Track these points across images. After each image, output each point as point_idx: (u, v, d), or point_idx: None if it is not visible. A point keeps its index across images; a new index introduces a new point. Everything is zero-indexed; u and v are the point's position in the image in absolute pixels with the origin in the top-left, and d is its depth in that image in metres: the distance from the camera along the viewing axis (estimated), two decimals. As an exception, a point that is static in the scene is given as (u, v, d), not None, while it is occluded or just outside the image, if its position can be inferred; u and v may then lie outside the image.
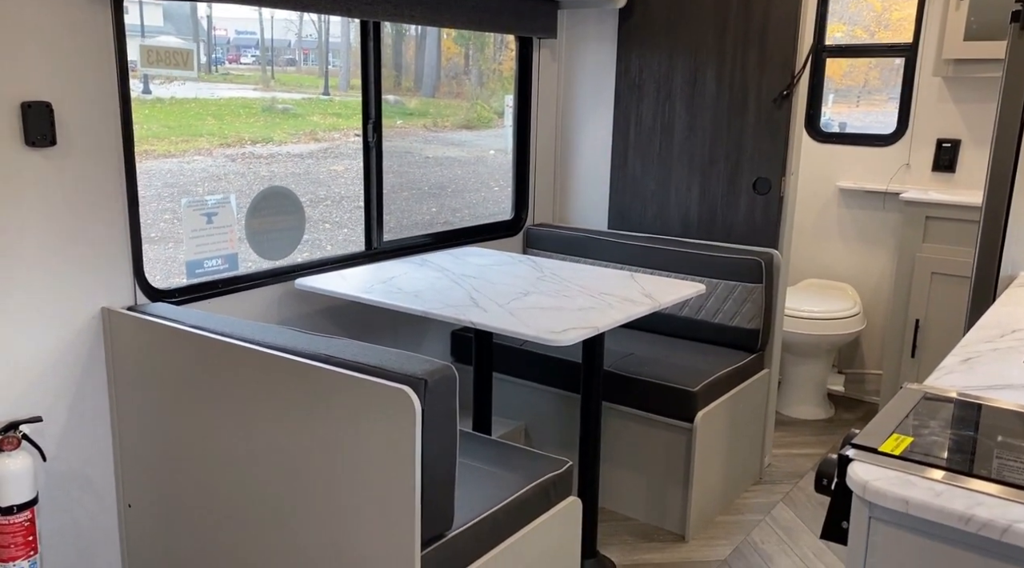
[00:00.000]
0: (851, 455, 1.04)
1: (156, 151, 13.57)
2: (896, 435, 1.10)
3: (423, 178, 13.46)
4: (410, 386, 1.65)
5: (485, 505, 1.94)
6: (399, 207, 11.88)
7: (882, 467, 1.01)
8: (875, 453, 1.04)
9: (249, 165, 13.09)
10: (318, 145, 14.13)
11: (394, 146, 15.38)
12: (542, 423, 3.11)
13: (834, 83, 4.16)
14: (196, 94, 11.32)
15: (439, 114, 14.06)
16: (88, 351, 2.15)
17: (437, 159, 14.37)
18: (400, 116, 14.24)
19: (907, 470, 1.00)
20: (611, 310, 2.34)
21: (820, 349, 3.73)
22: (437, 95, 13.65)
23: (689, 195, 3.31)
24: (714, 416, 2.84)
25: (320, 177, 12.90)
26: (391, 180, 14.72)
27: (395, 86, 14.08)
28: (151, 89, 10.27)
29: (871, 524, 0.98)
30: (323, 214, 11.06)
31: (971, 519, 0.89)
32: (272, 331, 1.99)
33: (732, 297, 3.10)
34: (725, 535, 2.87)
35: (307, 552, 1.87)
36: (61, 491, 2.14)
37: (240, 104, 13.03)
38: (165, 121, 11.96)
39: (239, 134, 12.71)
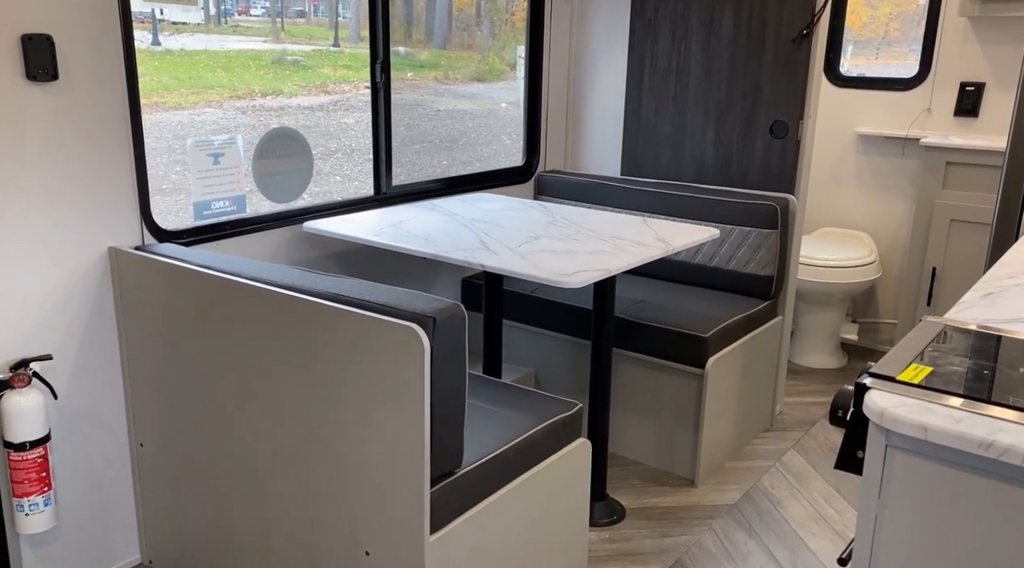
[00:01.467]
0: (868, 383, 1.01)
1: (166, 103, 13.48)
2: (915, 365, 1.07)
3: (434, 131, 13.34)
4: (419, 324, 1.63)
5: (495, 445, 1.94)
6: (409, 160, 11.80)
7: (900, 395, 0.98)
8: (893, 382, 1.01)
9: (259, 117, 13.00)
10: (328, 97, 14.00)
11: (404, 99, 15.18)
12: (552, 370, 3.10)
13: (853, 34, 4.05)
14: (206, 46, 11.22)
15: (450, 66, 13.85)
16: (96, 291, 2.14)
17: (448, 112, 14.24)
18: (411, 68, 14.03)
19: (926, 398, 0.97)
20: (623, 253, 2.30)
21: (834, 298, 3.69)
22: (448, 47, 13.44)
23: (704, 140, 3.24)
24: (726, 362, 2.82)
25: (330, 130, 12.82)
26: (401, 133, 14.64)
27: (405, 38, 13.84)
28: (160, 40, 10.16)
29: (888, 452, 0.96)
30: (333, 167, 11.01)
31: (992, 445, 0.87)
32: (280, 271, 1.97)
33: (746, 243, 3.06)
34: (735, 480, 2.87)
35: (316, 490, 1.88)
36: (74, 429, 2.15)
37: (250, 56, 12.91)
38: (175, 73, 11.86)
39: (249, 86, 12.60)
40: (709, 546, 2.50)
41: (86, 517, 2.21)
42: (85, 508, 2.21)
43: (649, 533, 2.56)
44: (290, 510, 1.95)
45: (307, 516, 1.91)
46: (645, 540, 2.52)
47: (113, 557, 2.30)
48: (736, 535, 2.56)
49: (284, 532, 1.97)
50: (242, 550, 2.09)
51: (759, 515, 2.67)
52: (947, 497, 0.91)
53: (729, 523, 2.62)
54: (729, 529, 2.59)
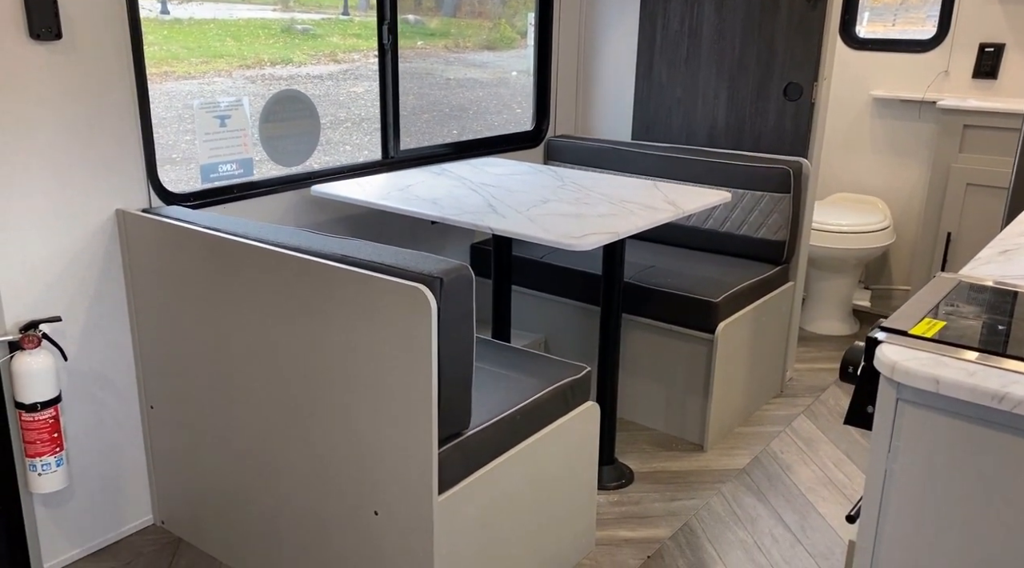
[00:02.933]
0: (880, 337, 0.99)
1: (176, 72, 13.44)
2: (928, 320, 1.05)
3: (444, 100, 13.26)
4: (426, 285, 1.62)
5: (503, 407, 1.93)
6: (419, 129, 11.75)
7: (912, 349, 0.96)
8: (905, 335, 1.00)
9: (269, 86, 12.96)
10: (338, 66, 13.92)
11: (414, 67, 15.09)
12: (562, 336, 3.09)
13: (869, 1, 3.97)
14: (214, 15, 11.19)
15: (460, 34, 13.74)
16: (104, 253, 2.13)
17: (458, 81, 14.14)
18: (421, 36, 13.92)
19: (939, 351, 0.95)
20: (632, 216, 2.28)
21: (847, 264, 3.66)
22: (459, 15, 13.34)
23: (716, 103, 3.20)
24: (736, 328, 2.80)
25: (340, 99, 12.77)
26: (411, 102, 14.54)
27: (416, 5, 13.73)
28: (169, 9, 10.16)
29: (898, 406, 0.94)
30: (343, 137, 10.97)
31: (1005, 397, 0.85)
32: (287, 232, 1.96)
33: (758, 208, 3.02)
34: (744, 445, 2.87)
35: (325, 451, 1.88)
36: (84, 391, 2.16)
37: (259, 25, 12.86)
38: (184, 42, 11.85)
39: (258, 55, 12.56)
40: (718, 509, 2.51)
41: (98, 478, 2.23)
42: (97, 469, 2.23)
43: (657, 497, 2.56)
44: (299, 470, 1.95)
45: (316, 476, 1.92)
46: (654, 503, 2.53)
47: (126, 518, 2.32)
48: (745, 499, 2.56)
49: (293, 492, 1.98)
50: (252, 511, 2.10)
51: (768, 479, 2.66)
52: (959, 451, 0.90)
53: (738, 487, 2.62)
54: (738, 493, 2.59)
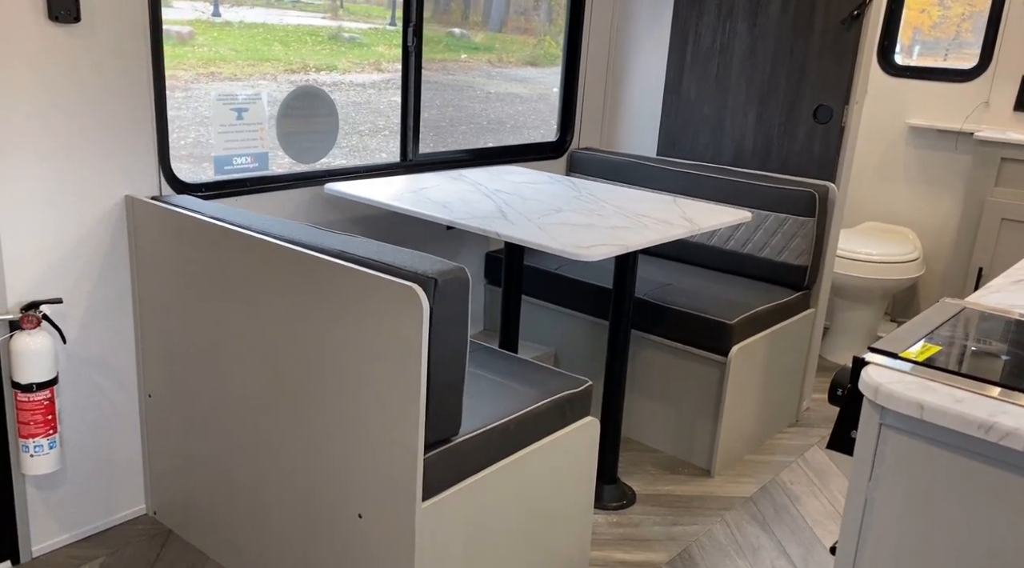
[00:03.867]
0: (868, 358, 0.94)
1: (223, 74, 13.66)
2: (924, 344, 0.99)
3: (482, 113, 13.32)
4: (419, 284, 1.59)
5: (496, 415, 1.89)
6: (456, 141, 11.81)
7: (899, 372, 0.90)
8: (895, 358, 0.94)
9: (312, 91, 13.12)
10: (380, 75, 14.05)
11: (456, 80, 15.21)
12: (573, 350, 3.04)
13: (922, 34, 3.89)
14: (265, 19, 11.39)
15: (505, 49, 13.85)
16: (111, 238, 2.13)
17: (499, 95, 14.19)
18: (465, 50, 14.04)
19: (928, 376, 0.89)
20: (645, 230, 2.23)
21: (873, 294, 3.57)
22: (504, 30, 13.44)
23: (745, 122, 3.14)
24: (750, 352, 2.73)
25: (380, 107, 12.88)
26: (449, 113, 14.65)
27: (463, 19, 13.87)
28: (220, 12, 10.39)
29: (881, 432, 0.88)
30: (380, 144, 11.05)
31: (992, 427, 0.79)
32: (292, 226, 1.94)
33: (781, 230, 2.95)
34: (753, 473, 2.79)
35: (313, 450, 1.85)
36: (83, 376, 2.16)
37: (307, 31, 13.07)
38: (233, 44, 12.08)
39: (304, 61, 12.74)
40: (719, 537, 2.43)
41: (92, 464, 2.22)
42: (92, 455, 2.22)
43: (659, 520, 2.49)
44: (288, 469, 1.92)
45: (303, 474, 1.89)
46: (654, 527, 2.46)
47: (118, 506, 2.31)
48: (748, 528, 2.48)
49: (282, 491, 1.95)
50: (240, 506, 2.08)
51: (775, 510, 2.58)
52: (942, 482, 0.84)
53: (743, 515, 2.54)
54: (742, 522, 2.51)
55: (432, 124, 13.42)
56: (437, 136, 12.75)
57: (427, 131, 11.18)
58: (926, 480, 0.86)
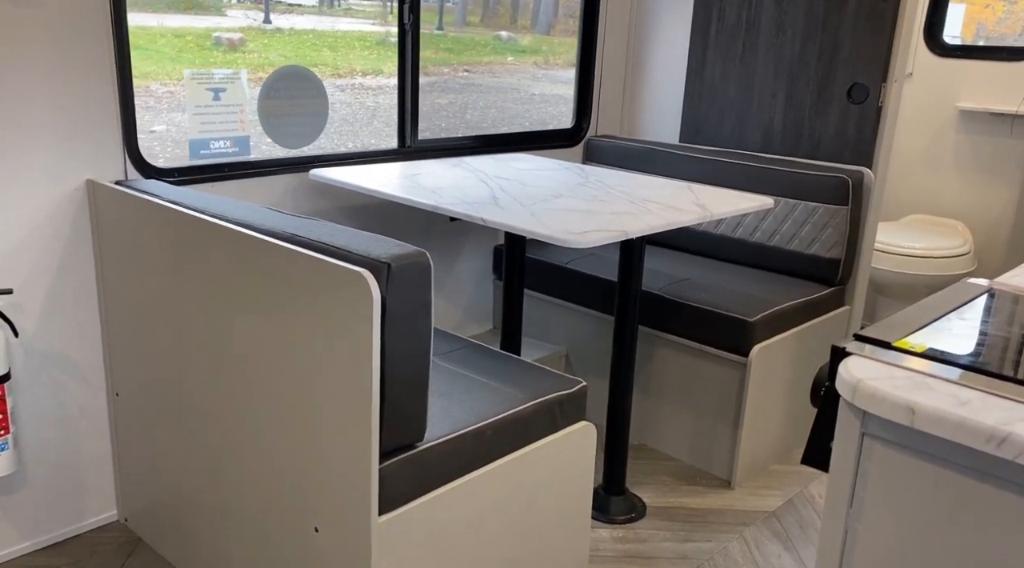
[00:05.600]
0: (849, 348, 0.72)
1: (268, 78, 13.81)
2: (927, 330, 0.77)
3: (525, 114, 13.16)
4: (370, 269, 1.40)
5: (472, 418, 1.69)
6: (497, 141, 11.69)
7: (890, 365, 0.69)
8: (886, 347, 0.72)
9: (356, 95, 13.12)
10: (426, 79, 13.99)
11: (501, 82, 15.10)
12: (585, 350, 2.83)
13: (986, 30, 3.60)
14: (315, 26, 11.44)
15: (551, 51, 13.72)
16: (71, 225, 2.00)
17: (543, 96, 14.02)
18: (512, 53, 13.95)
19: (924, 370, 0.68)
20: (649, 216, 2.02)
21: (918, 291, 3.28)
22: (552, 32, 13.30)
23: (773, 103, 2.90)
24: (774, 351, 2.49)
25: (423, 110, 12.85)
26: (492, 114, 14.52)
27: (511, 23, 13.77)
28: (271, 19, 10.48)
29: (864, 443, 0.67)
30: (418, 144, 10.97)
31: (1007, 439, 0.58)
32: (252, 210, 1.77)
33: (811, 220, 2.70)
34: (778, 485, 2.54)
35: (269, 458, 1.68)
36: (43, 372, 2.02)
37: (355, 37, 13.13)
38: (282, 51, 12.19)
39: (351, 66, 12.79)
40: (736, 556, 2.20)
41: (56, 468, 2.09)
42: (56, 458, 2.08)
43: (669, 536, 2.27)
44: (248, 477, 1.76)
45: (261, 484, 1.72)
46: (663, 543, 2.24)
47: (86, 512, 2.17)
48: (769, 546, 2.24)
49: (243, 500, 1.79)
50: (205, 515, 1.92)
51: (800, 526, 2.34)
52: (941, 509, 0.62)
53: (763, 532, 2.30)
54: (762, 539, 2.27)
55: (474, 125, 13.29)
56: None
57: (468, 131, 11.07)
58: (921, 506, 0.64)
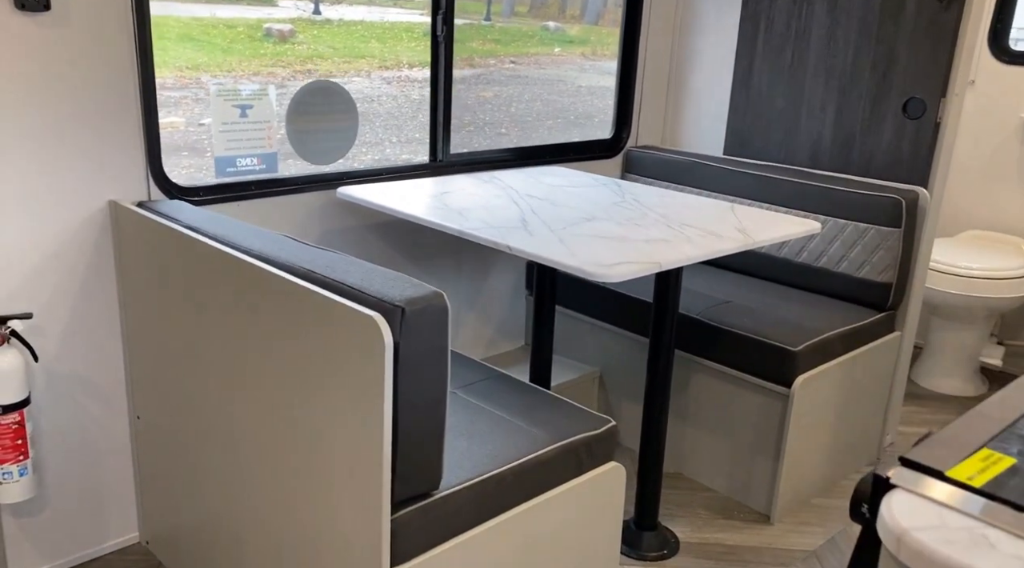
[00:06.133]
0: (893, 479, 0.62)
1: (318, 71, 13.83)
2: (987, 452, 0.67)
3: (571, 107, 13.01)
4: (382, 314, 1.33)
5: (492, 463, 1.61)
6: (541, 136, 11.55)
7: (942, 505, 0.59)
8: (939, 477, 0.62)
9: (402, 88, 13.12)
10: (472, 70, 13.94)
11: (547, 74, 14.94)
12: (620, 371, 2.73)
13: None
14: (364, 17, 11.45)
15: (600, 42, 13.53)
16: (94, 247, 1.96)
17: (590, 88, 13.85)
18: (559, 43, 13.76)
19: (986, 518, 0.58)
20: (686, 245, 1.91)
21: (974, 313, 3.11)
22: (600, 23, 13.12)
23: (823, 117, 2.76)
24: (819, 382, 2.36)
25: (468, 102, 12.74)
26: (537, 107, 14.35)
27: (559, 13, 13.59)
28: (321, 10, 10.53)
29: (909, 601, 0.57)
30: (463, 140, 10.91)
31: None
32: (269, 240, 1.71)
33: (862, 242, 2.57)
34: (820, 521, 2.42)
35: (282, 499, 1.62)
36: (65, 396, 2.00)
37: (403, 28, 13.09)
38: (331, 42, 12.24)
39: (398, 57, 12.78)
40: (773, 601, 2.09)
41: (79, 490, 2.07)
42: (78, 480, 2.06)
43: (702, 575, 2.17)
44: (263, 515, 1.70)
45: (277, 522, 1.67)
46: (696, 584, 2.14)
47: (108, 534, 2.15)
48: (808, 591, 2.13)
49: (258, 537, 1.74)
50: (224, 548, 1.87)
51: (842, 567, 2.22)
52: None
53: (803, 575, 2.19)
54: (801, 582, 2.16)
55: (518, 118, 13.16)
56: (522, 131, 12.47)
57: (512, 125, 10.86)
58: None
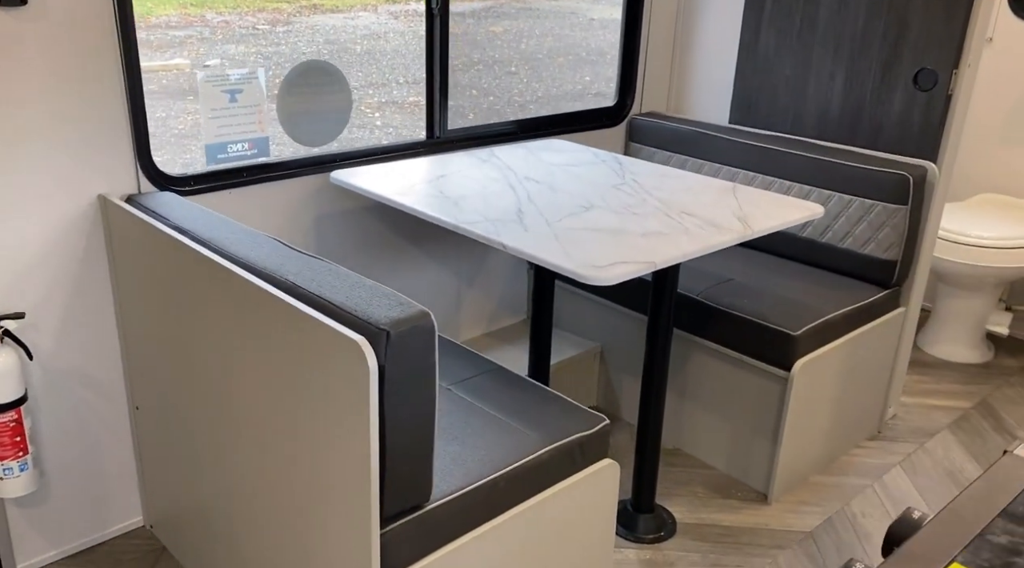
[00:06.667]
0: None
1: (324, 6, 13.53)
2: (969, 553, 0.65)
3: (583, 43, 12.70)
4: (367, 337, 1.32)
5: (484, 470, 1.62)
6: (551, 74, 11.30)
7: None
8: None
9: (409, 23, 12.82)
10: (481, 3, 13.60)
11: (559, 7, 14.54)
12: (620, 347, 2.72)
13: None
14: (374, -60, 11.19)
15: (610, -29, 13.19)
16: (85, 242, 1.95)
17: (602, 21, 13.48)
18: (570, -28, 13.40)
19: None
20: (683, 238, 1.87)
21: (983, 282, 3.07)
22: (611, -49, 12.78)
23: (831, 85, 2.67)
24: (820, 365, 2.35)
25: (477, 38, 12.45)
26: (548, 43, 13.96)
27: (571, -59, 13.21)
28: None
29: None
30: (472, 79, 10.69)
31: None
32: (258, 243, 1.69)
33: (867, 219, 2.52)
34: (818, 500, 2.43)
35: (279, 502, 1.63)
36: (63, 389, 2.01)
37: (411, -44, 12.83)
38: (338, -27, 12.06)
39: (406, -11, 12.52)
40: (767, 585, 2.12)
41: (82, 478, 2.10)
42: (80, 469, 2.09)
43: (699, 559, 2.19)
44: (257, 511, 1.72)
45: (270, 523, 1.68)
46: (691, 567, 2.16)
47: (112, 519, 2.19)
48: (803, 575, 2.15)
49: (253, 531, 1.76)
50: (222, 538, 1.90)
51: (837, 550, 2.24)
52: None
53: (798, 557, 2.21)
54: (796, 565, 2.18)
55: (528, 55, 12.77)
56: (532, 70, 12.13)
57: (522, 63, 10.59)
58: None
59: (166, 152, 6.64)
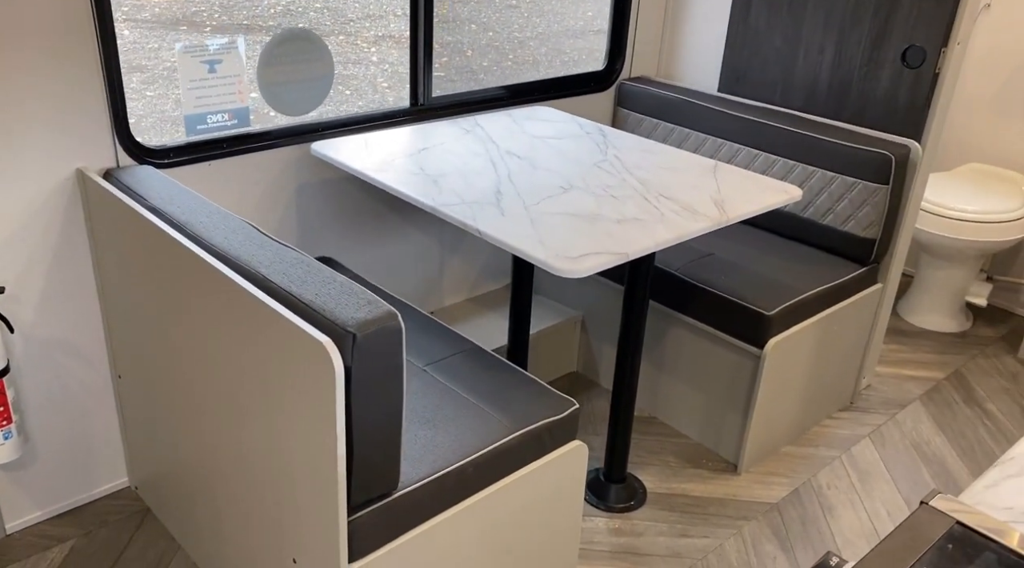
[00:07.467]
0: None
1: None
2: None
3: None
4: (334, 338, 1.34)
5: (452, 457, 1.67)
6: (552, 8, 11.07)
7: None
8: None
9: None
10: (475, -48, 13.23)
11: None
12: (601, 317, 2.76)
13: None
14: None
15: None
16: (64, 216, 1.96)
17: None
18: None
19: None
20: (658, 226, 1.89)
21: (964, 254, 3.09)
22: None
23: (820, 59, 2.64)
24: (793, 343, 2.39)
25: (469, -11, 12.15)
26: (544, -11, 13.62)
27: None
28: None
29: None
30: (471, 13, 10.47)
31: None
32: (233, 229, 1.70)
33: (848, 196, 2.52)
34: (786, 471, 2.51)
35: (253, 482, 1.69)
36: (46, 359, 2.05)
37: None
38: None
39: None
40: (730, 555, 2.20)
41: (68, 442, 2.15)
42: (66, 434, 2.14)
43: (666, 529, 2.27)
44: (233, 483, 1.78)
45: (244, 498, 1.74)
46: (658, 537, 2.24)
47: (99, 480, 2.26)
48: (765, 546, 2.23)
49: (230, 501, 1.82)
50: (201, 498, 1.97)
51: (802, 522, 2.32)
52: None
53: (763, 528, 2.29)
54: (760, 537, 2.26)
55: (524, 6, 12.40)
56: (534, 3, 11.89)
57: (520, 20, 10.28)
58: None
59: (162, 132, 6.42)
